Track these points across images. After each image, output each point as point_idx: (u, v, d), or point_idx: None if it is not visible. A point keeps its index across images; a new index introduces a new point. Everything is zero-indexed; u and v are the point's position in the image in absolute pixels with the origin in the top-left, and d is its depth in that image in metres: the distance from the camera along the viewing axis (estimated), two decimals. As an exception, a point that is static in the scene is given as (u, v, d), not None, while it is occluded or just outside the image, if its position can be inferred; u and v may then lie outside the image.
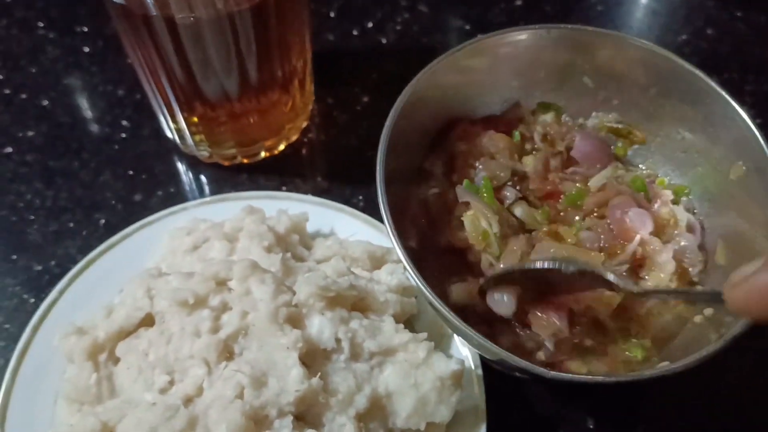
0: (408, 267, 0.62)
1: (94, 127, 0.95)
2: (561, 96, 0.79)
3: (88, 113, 0.96)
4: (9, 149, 0.93)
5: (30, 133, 0.94)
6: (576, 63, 0.76)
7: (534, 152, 0.77)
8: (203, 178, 0.91)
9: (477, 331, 0.60)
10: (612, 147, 0.77)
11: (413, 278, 0.61)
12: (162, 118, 0.87)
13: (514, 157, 0.76)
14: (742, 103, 0.68)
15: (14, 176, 0.90)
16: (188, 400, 0.63)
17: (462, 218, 0.71)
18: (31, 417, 0.69)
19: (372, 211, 0.82)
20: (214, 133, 0.86)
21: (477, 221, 0.69)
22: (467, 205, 0.71)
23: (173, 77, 0.77)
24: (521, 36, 0.75)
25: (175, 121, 0.85)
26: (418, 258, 0.63)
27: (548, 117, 0.78)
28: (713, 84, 0.69)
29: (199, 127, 0.85)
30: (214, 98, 0.81)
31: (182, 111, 0.83)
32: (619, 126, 0.78)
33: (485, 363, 0.71)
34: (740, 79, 1.00)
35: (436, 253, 0.72)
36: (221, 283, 0.69)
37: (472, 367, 0.71)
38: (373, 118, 0.96)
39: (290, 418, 0.62)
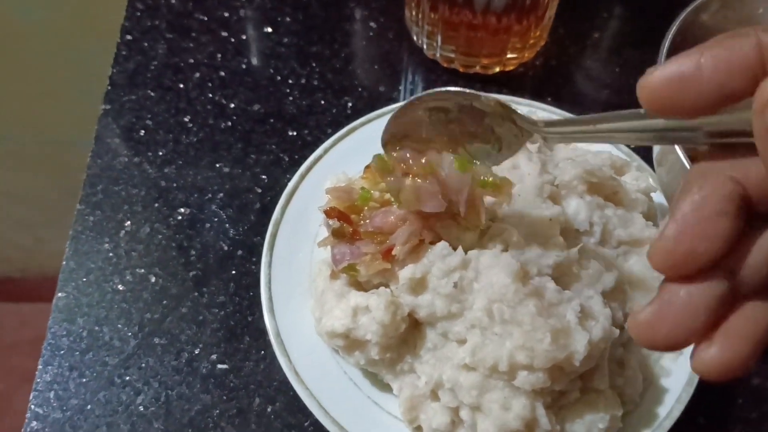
0: (683, 158, 0.66)
1: (345, 24, 1.03)
2: None
3: (340, 11, 1.04)
4: (269, 29, 1.02)
5: (287, 19, 1.03)
6: None
7: None
8: (440, 81, 0.98)
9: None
10: None
11: (682, 158, 0.66)
12: (418, 19, 0.95)
13: None
14: None
15: (273, 53, 1.00)
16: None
17: None
18: (295, 249, 0.78)
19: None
20: (466, 40, 0.93)
21: None
22: None
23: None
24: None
25: (434, 21, 0.92)
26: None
27: None
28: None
29: (455, 32, 0.92)
30: (481, 7, 0.87)
31: (450, 15, 0.89)
32: None
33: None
34: None
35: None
36: (489, 156, 0.75)
37: (700, 278, 0.76)
38: (601, 53, 1.02)
39: (549, 278, 0.68)
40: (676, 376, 0.72)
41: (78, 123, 1.11)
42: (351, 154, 0.84)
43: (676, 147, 0.67)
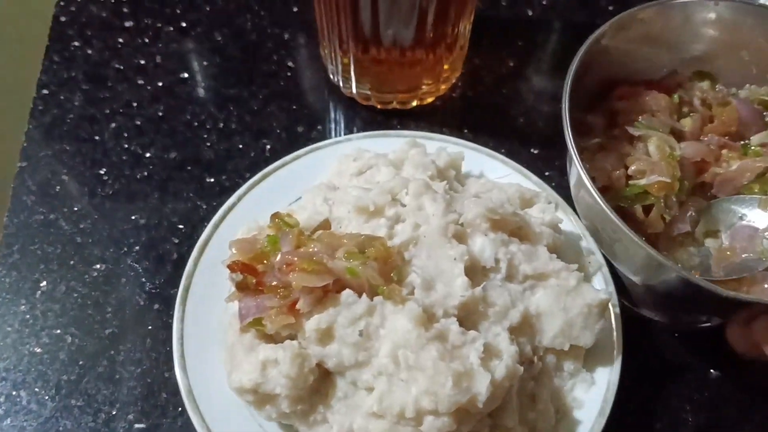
0: (590, 186, 0.68)
1: (263, 64, 1.03)
2: (717, 67, 0.85)
3: (257, 51, 1.05)
4: (185, 74, 1.02)
5: (204, 63, 1.03)
6: (737, 36, 0.81)
7: (691, 114, 0.83)
8: (358, 118, 0.99)
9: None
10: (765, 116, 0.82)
11: (596, 196, 0.67)
12: (331, 59, 0.95)
13: (673, 116, 0.82)
14: None
15: (189, 99, 1.00)
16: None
17: (648, 144, 0.77)
18: (209, 302, 0.77)
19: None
20: (379, 76, 0.94)
21: (662, 145, 0.75)
22: (640, 139, 0.78)
23: (358, 20, 0.85)
24: (686, 6, 0.81)
25: (346, 61, 0.93)
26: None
27: (704, 85, 0.84)
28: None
29: (367, 69, 0.93)
30: (389, 44, 0.88)
31: (357, 52, 0.90)
32: None
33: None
34: None
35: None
36: (395, 199, 0.76)
37: (610, 305, 0.77)
38: (517, 82, 1.04)
39: (454, 319, 0.68)
40: (589, 407, 0.72)
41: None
42: (265, 199, 0.84)
43: (584, 176, 0.69)
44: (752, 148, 0.80)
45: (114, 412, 0.76)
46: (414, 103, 0.99)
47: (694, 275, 0.68)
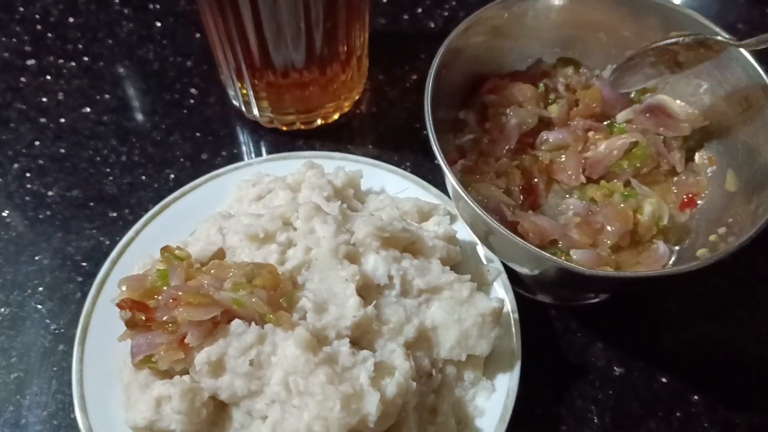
0: (456, 184, 0.69)
1: (165, 93, 1.03)
2: (578, 51, 0.87)
3: (160, 81, 1.04)
4: (87, 109, 1.02)
5: (107, 96, 1.03)
6: (592, 21, 0.83)
7: (557, 101, 0.86)
8: (264, 141, 0.99)
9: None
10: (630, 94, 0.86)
11: (464, 195, 0.69)
12: (230, 85, 0.96)
13: (539, 105, 0.85)
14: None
15: (92, 134, 0.99)
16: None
17: None
18: (109, 340, 0.76)
19: (418, 175, 0.89)
20: (277, 99, 0.94)
21: None
22: None
23: (248, 47, 0.85)
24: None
25: (243, 87, 0.93)
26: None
27: (569, 70, 0.87)
28: (723, 34, 0.76)
29: (264, 93, 0.93)
30: (281, 67, 0.88)
31: (252, 78, 0.90)
32: None
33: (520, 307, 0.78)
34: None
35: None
36: (287, 223, 0.76)
37: (510, 311, 0.78)
38: (421, 95, 1.03)
39: (347, 340, 0.69)
40: (490, 414, 0.73)
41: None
42: (164, 232, 0.84)
43: (448, 173, 0.70)
44: (617, 125, 0.84)
45: (19, 459, 0.75)
46: (319, 122, 1.00)
47: (561, 259, 0.69)
